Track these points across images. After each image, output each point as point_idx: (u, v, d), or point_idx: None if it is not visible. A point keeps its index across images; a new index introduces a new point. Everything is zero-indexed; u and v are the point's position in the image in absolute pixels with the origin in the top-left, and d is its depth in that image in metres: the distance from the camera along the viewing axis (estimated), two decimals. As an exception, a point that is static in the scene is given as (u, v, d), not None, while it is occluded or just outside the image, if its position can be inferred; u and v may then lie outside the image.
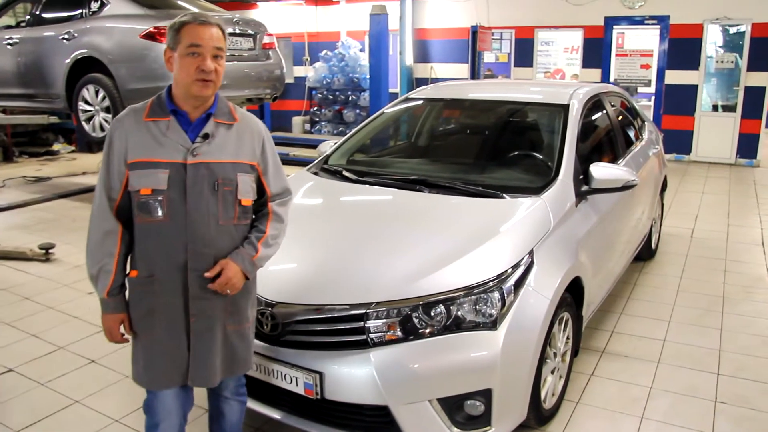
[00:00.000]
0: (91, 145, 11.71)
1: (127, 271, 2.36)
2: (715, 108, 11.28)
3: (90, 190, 8.84)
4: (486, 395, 2.70)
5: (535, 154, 4.11)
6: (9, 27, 8.61)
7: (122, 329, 2.39)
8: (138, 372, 2.41)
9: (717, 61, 11.10)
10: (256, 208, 2.49)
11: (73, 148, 12.27)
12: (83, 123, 7.43)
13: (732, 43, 10.95)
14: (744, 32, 10.74)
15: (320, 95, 13.83)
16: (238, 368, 2.51)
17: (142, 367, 2.38)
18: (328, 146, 4.56)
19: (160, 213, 2.23)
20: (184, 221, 2.24)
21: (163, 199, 2.22)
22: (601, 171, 3.67)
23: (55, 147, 12.07)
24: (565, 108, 4.08)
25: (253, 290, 2.53)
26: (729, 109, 11.12)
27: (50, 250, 5.86)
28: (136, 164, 2.23)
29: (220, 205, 2.29)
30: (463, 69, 12.94)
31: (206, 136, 2.28)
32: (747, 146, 11.04)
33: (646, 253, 5.68)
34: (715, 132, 11.20)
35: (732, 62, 10.95)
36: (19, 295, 5.03)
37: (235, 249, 2.36)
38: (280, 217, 2.51)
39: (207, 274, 2.29)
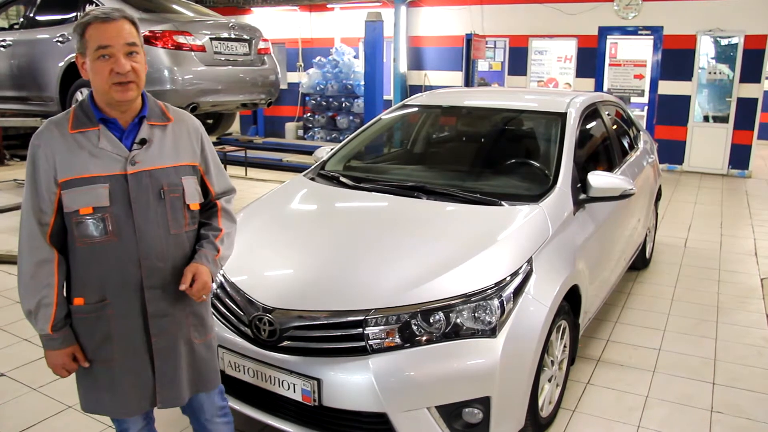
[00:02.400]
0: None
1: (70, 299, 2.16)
2: (706, 119, 11.35)
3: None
4: (484, 403, 2.69)
5: (532, 162, 4.11)
6: (2, 29, 8.56)
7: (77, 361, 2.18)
8: (99, 401, 2.22)
9: (709, 72, 11.17)
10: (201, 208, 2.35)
11: (64, 151, 12.19)
12: (77, 126, 7.38)
13: (724, 54, 11.03)
14: (737, 44, 10.82)
15: (314, 101, 13.84)
16: (210, 383, 2.38)
17: (108, 395, 2.19)
18: (324, 152, 4.54)
19: (105, 232, 2.05)
20: (134, 237, 2.08)
21: (107, 216, 2.04)
22: (599, 179, 3.67)
23: (47, 150, 11.99)
24: (562, 116, 4.09)
25: (210, 297, 2.40)
26: (721, 119, 11.19)
27: (42, 254, 5.80)
28: (69, 182, 2.02)
29: (168, 214, 2.15)
30: (456, 77, 12.98)
31: (143, 142, 2.11)
32: (739, 157, 11.11)
33: (640, 262, 5.69)
34: (707, 142, 11.27)
35: (724, 73, 11.02)
36: (10, 299, 4.98)
37: (189, 258, 2.23)
38: (230, 215, 2.40)
39: (182, 287, 2.13)
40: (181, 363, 2.24)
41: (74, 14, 7.36)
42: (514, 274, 2.90)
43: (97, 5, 7.13)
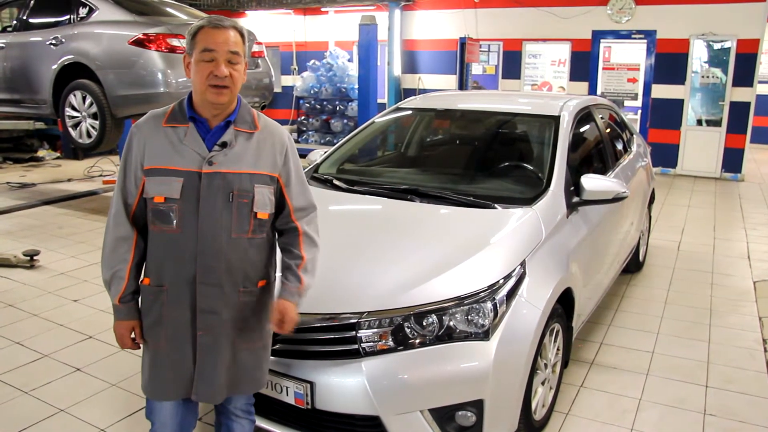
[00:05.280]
0: (76, 151, 11.62)
1: (141, 278, 2.32)
2: (700, 122, 11.39)
3: (75, 197, 8.79)
4: (478, 406, 2.69)
5: (526, 165, 4.12)
6: (-5, 32, 8.55)
7: (134, 336, 2.35)
8: (143, 381, 2.36)
9: (702, 76, 11.21)
10: (280, 224, 2.39)
11: (58, 154, 12.17)
12: (70, 129, 7.38)
13: (717, 58, 11.06)
14: (729, 48, 10.85)
15: (308, 105, 13.82)
16: (247, 387, 2.43)
17: (147, 376, 2.33)
18: (318, 155, 4.55)
19: (172, 223, 2.18)
20: (195, 232, 2.18)
21: (176, 208, 2.17)
22: (592, 182, 3.68)
23: (40, 153, 11.96)
24: (556, 119, 4.10)
25: (268, 307, 2.40)
26: (714, 123, 11.23)
27: (35, 257, 5.79)
28: (152, 171, 2.18)
29: (234, 218, 2.21)
30: (450, 80, 12.98)
31: (224, 145, 2.20)
32: (732, 161, 11.14)
33: (634, 265, 5.70)
34: (700, 146, 11.29)
35: (717, 77, 11.06)
36: (2, 302, 4.96)
37: (248, 263, 2.27)
38: (312, 240, 2.41)
39: (273, 327, 2.31)
40: (221, 363, 2.29)
41: (68, 17, 7.36)
42: (507, 277, 2.90)
43: (91, 9, 7.13)
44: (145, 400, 2.42)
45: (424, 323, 2.70)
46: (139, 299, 2.32)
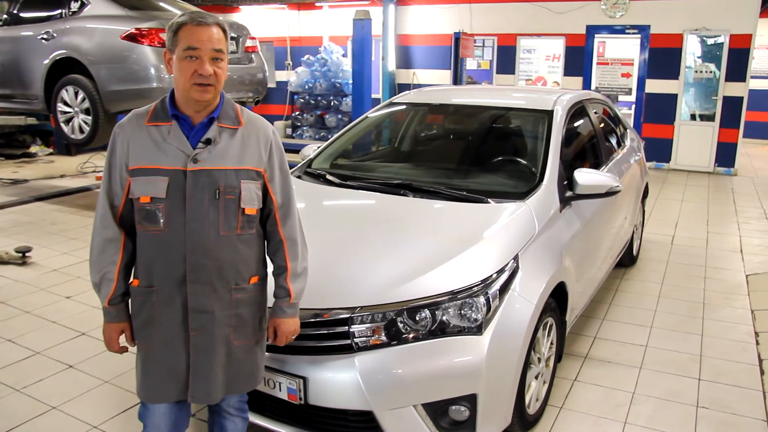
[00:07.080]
0: (69, 147, 11.56)
1: (130, 279, 2.29)
2: (693, 117, 11.41)
3: (68, 193, 8.75)
4: (471, 400, 2.69)
5: (519, 159, 4.12)
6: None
7: (123, 340, 2.32)
8: (137, 384, 2.33)
9: (696, 71, 11.23)
10: (264, 225, 2.36)
11: (50, 150, 12.09)
12: (62, 125, 7.33)
13: (711, 53, 11.09)
14: (722, 43, 10.87)
15: (302, 100, 13.79)
16: (243, 384, 2.41)
17: (140, 379, 2.30)
18: (311, 150, 4.53)
19: (159, 222, 2.15)
20: (183, 231, 2.14)
21: (162, 207, 2.14)
22: (585, 177, 3.68)
23: (33, 149, 11.89)
24: (549, 114, 4.09)
25: (262, 304, 2.40)
26: (707, 118, 11.25)
27: (27, 254, 5.76)
28: (137, 171, 2.14)
29: (221, 215, 2.17)
30: (445, 75, 12.98)
31: (208, 142, 2.16)
32: (725, 155, 11.17)
33: (627, 259, 5.71)
34: (694, 141, 11.32)
35: (710, 72, 11.08)
36: (-6, 298, 4.95)
37: (238, 260, 2.24)
38: (294, 242, 2.38)
39: (270, 341, 2.43)
40: (216, 362, 2.27)
41: (60, 11, 7.31)
42: (501, 272, 2.89)
43: (83, 3, 7.09)
44: (140, 401, 2.40)
45: (417, 318, 2.69)
46: (129, 301, 2.29)
